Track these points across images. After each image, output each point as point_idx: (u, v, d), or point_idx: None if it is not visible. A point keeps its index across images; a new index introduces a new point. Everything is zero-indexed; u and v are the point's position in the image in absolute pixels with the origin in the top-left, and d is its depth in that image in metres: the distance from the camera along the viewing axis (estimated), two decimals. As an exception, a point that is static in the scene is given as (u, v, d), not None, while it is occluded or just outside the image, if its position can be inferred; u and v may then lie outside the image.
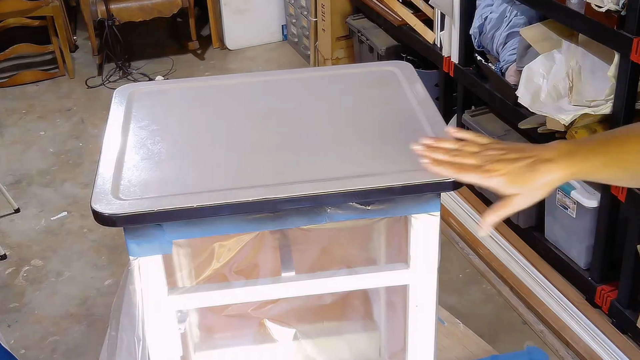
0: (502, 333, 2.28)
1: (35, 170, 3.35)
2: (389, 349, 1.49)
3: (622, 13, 1.84)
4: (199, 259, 1.23)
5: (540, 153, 0.95)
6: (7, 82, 4.15)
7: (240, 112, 1.27)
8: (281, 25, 4.48)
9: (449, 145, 1.02)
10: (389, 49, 3.18)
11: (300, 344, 1.41)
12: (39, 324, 2.46)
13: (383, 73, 1.37)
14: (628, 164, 0.95)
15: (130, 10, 4.11)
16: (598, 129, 2.03)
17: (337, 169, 1.07)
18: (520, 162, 0.95)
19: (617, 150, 0.95)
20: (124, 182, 1.06)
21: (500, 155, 0.96)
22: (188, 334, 1.45)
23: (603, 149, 0.95)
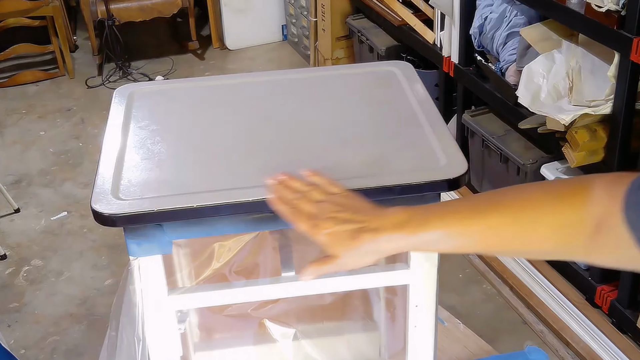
0: (502, 333, 2.28)
1: (35, 170, 3.35)
2: (389, 349, 1.49)
3: (622, 13, 1.84)
4: (199, 259, 1.23)
5: (369, 220, 0.90)
6: (7, 82, 4.15)
7: (240, 112, 1.27)
8: (281, 25, 4.48)
9: (299, 186, 0.98)
10: (389, 49, 3.18)
11: (300, 344, 1.40)
12: (39, 324, 2.46)
13: (383, 73, 1.37)
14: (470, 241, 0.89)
15: (130, 10, 4.11)
16: (598, 128, 2.03)
17: (337, 169, 1.07)
18: (348, 225, 0.91)
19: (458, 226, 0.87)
20: (124, 182, 1.06)
21: (334, 213, 0.92)
22: (188, 334, 1.45)
23: (442, 224, 0.88)
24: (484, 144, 2.51)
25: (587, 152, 2.04)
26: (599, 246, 0.77)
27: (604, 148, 2.04)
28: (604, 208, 0.75)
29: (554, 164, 2.27)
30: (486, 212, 0.86)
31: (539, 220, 0.82)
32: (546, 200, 0.83)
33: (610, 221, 0.73)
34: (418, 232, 0.88)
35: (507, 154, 2.38)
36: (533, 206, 0.84)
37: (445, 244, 0.90)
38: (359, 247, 0.90)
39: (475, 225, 0.87)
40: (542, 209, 0.83)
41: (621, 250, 0.73)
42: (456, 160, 1.07)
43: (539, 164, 2.30)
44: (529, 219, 0.83)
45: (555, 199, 0.82)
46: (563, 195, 0.82)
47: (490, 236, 0.87)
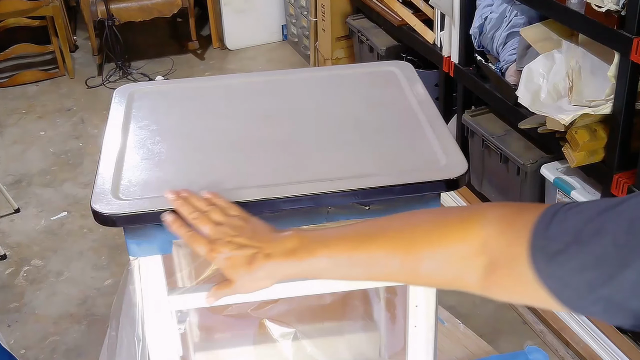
0: (502, 333, 2.28)
1: (35, 170, 3.35)
2: (389, 349, 1.49)
3: (622, 13, 1.84)
4: (199, 259, 1.23)
5: (264, 246, 0.91)
6: (7, 82, 4.15)
7: (240, 112, 1.27)
8: (281, 25, 4.48)
9: (199, 205, 0.97)
10: (389, 49, 3.18)
11: (300, 344, 1.40)
12: (39, 324, 2.46)
13: (383, 73, 1.37)
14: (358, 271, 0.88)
15: (130, 10, 4.11)
16: (598, 128, 2.03)
17: (337, 169, 1.07)
18: (244, 250, 0.91)
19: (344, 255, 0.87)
20: (124, 182, 1.06)
21: (231, 237, 0.93)
22: (188, 334, 1.45)
23: (329, 252, 0.87)
24: (484, 144, 2.51)
25: (587, 152, 2.04)
26: (497, 285, 0.75)
27: (604, 148, 2.04)
28: (502, 249, 0.73)
29: (554, 164, 2.27)
30: (371, 242, 0.86)
31: (425, 253, 0.81)
32: (434, 232, 0.82)
33: (511, 264, 0.71)
34: (305, 259, 0.89)
35: (507, 154, 2.38)
36: (419, 238, 0.82)
37: (334, 272, 0.90)
38: (253, 273, 0.91)
39: (360, 255, 0.86)
40: (430, 240, 0.81)
41: (527, 294, 0.71)
42: (456, 160, 1.07)
43: (539, 164, 2.30)
44: (414, 251, 0.82)
45: (444, 231, 0.81)
46: (452, 227, 0.80)
47: (376, 266, 0.86)
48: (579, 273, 0.64)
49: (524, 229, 0.70)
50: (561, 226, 0.67)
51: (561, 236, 0.67)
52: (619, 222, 0.63)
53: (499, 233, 0.74)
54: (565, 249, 0.66)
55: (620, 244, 0.62)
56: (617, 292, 0.62)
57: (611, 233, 0.63)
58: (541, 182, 2.32)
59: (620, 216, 0.63)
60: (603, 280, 0.63)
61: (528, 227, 0.69)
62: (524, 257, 0.69)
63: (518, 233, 0.71)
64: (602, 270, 0.63)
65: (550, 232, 0.68)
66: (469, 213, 0.81)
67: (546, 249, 0.68)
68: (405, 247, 0.83)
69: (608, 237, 0.63)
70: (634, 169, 1.97)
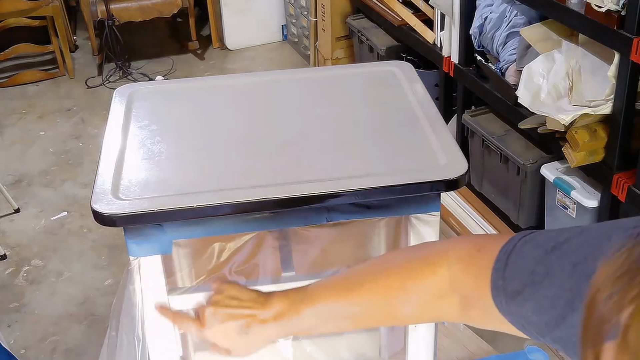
0: (502, 333, 2.27)
1: (35, 170, 3.35)
2: (389, 349, 1.49)
3: (622, 13, 1.84)
4: (199, 259, 1.23)
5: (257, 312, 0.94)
6: (7, 82, 4.15)
7: (240, 112, 1.27)
8: (281, 25, 4.48)
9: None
10: (389, 49, 3.18)
11: (300, 344, 1.40)
12: (39, 324, 2.46)
13: (383, 73, 1.37)
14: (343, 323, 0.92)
15: (130, 10, 4.11)
16: (598, 128, 2.03)
17: (337, 169, 1.07)
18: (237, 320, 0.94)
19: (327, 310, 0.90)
20: (124, 182, 1.06)
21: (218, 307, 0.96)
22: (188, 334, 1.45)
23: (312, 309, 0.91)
24: (484, 144, 2.51)
25: (587, 152, 2.04)
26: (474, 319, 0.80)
27: (604, 148, 2.04)
28: (468, 289, 0.77)
29: (554, 164, 2.27)
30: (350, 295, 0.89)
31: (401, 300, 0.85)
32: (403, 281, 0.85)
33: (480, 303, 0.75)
34: (294, 319, 0.92)
35: (507, 154, 2.38)
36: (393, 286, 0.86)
37: (323, 327, 0.94)
38: (249, 340, 0.94)
39: (343, 310, 0.90)
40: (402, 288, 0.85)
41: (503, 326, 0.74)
42: (456, 160, 1.07)
43: (539, 164, 2.30)
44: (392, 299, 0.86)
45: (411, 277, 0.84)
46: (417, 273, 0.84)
47: (360, 318, 0.90)
48: (536, 314, 0.68)
49: (485, 268, 0.73)
50: (516, 266, 0.70)
51: (517, 276, 0.70)
52: (563, 265, 0.65)
53: (463, 273, 0.78)
54: (522, 290, 0.69)
55: (566, 288, 0.64)
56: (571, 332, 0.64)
57: (558, 276, 0.65)
58: (541, 182, 2.32)
59: (564, 258, 0.66)
60: (557, 322, 0.65)
61: (488, 267, 0.73)
62: (489, 298, 0.73)
63: (480, 273, 0.74)
64: (555, 313, 0.66)
65: (507, 273, 0.71)
66: (434, 254, 0.84)
67: (505, 290, 0.71)
68: (383, 296, 0.87)
69: (556, 280, 0.66)
70: (634, 169, 1.97)
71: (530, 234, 0.72)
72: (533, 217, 2.42)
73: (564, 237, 0.68)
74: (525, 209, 2.40)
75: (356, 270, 0.92)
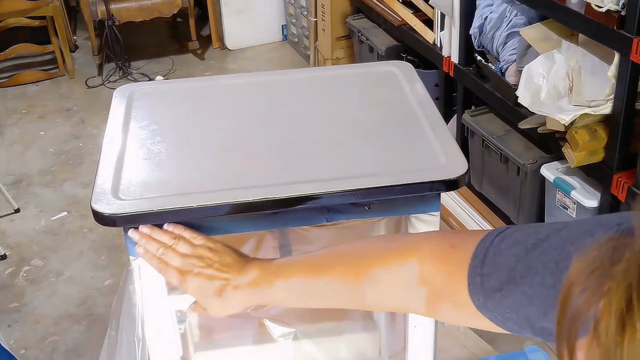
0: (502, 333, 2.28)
1: (35, 170, 3.35)
2: (389, 349, 1.49)
3: (622, 13, 1.84)
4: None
5: (232, 277, 0.96)
6: (7, 82, 4.15)
7: (240, 112, 1.27)
8: (281, 25, 4.48)
9: (164, 238, 1.01)
10: (389, 49, 3.18)
11: (300, 344, 1.40)
12: (39, 324, 2.46)
13: (383, 73, 1.37)
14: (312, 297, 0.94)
15: (130, 10, 4.11)
16: (598, 128, 2.03)
17: (337, 169, 1.07)
18: (213, 282, 0.97)
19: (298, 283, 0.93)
20: (124, 182, 1.06)
21: (200, 268, 0.98)
22: (188, 334, 1.45)
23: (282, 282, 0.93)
24: (484, 144, 2.51)
25: (587, 152, 2.04)
26: (444, 314, 0.81)
27: (604, 148, 2.04)
28: (441, 285, 0.77)
29: (554, 164, 2.27)
30: (321, 274, 0.92)
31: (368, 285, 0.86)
32: (374, 266, 0.86)
33: (453, 299, 0.75)
34: (265, 289, 0.95)
35: (507, 154, 2.38)
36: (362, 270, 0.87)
37: (292, 301, 0.96)
38: (222, 302, 0.97)
39: (312, 286, 0.92)
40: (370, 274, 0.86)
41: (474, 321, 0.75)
42: (456, 160, 1.07)
43: (539, 164, 2.30)
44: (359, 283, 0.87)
45: (382, 266, 0.86)
46: (389, 261, 0.85)
47: (328, 297, 0.93)
48: (516, 310, 0.68)
49: (460, 265, 0.73)
50: (494, 263, 0.70)
51: (496, 273, 0.70)
52: (545, 262, 0.66)
53: (436, 269, 0.79)
54: (501, 287, 0.69)
55: (549, 285, 0.65)
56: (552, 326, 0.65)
57: (540, 274, 0.66)
58: (541, 182, 2.32)
59: (546, 255, 0.66)
60: (538, 316, 0.66)
61: (464, 263, 0.73)
62: (464, 293, 0.73)
63: (454, 269, 0.75)
64: (536, 308, 0.66)
65: (485, 269, 0.71)
66: (406, 246, 0.85)
67: (483, 287, 0.71)
68: (352, 279, 0.88)
69: (537, 278, 0.66)
70: (634, 169, 1.97)
71: (507, 230, 0.72)
72: (533, 217, 2.42)
73: (543, 233, 0.67)
74: (525, 209, 2.40)
75: (330, 251, 0.95)
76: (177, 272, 0.99)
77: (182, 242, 1.00)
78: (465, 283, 0.73)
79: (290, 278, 0.93)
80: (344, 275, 0.89)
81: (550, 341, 0.67)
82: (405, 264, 0.82)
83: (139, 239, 1.01)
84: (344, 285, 0.89)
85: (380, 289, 0.85)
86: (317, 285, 0.92)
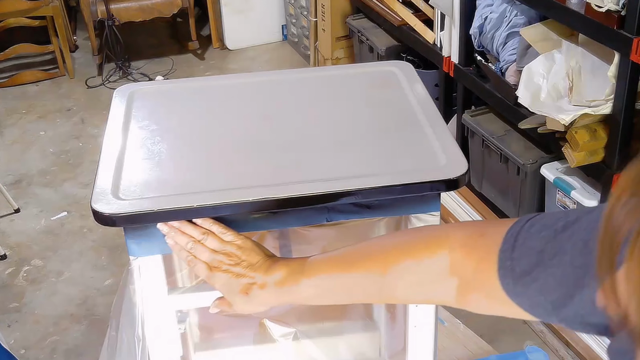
0: (502, 333, 2.28)
1: (35, 170, 3.35)
2: (389, 349, 1.49)
3: (622, 13, 1.84)
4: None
5: (259, 276, 0.97)
6: (7, 82, 4.15)
7: (240, 112, 1.27)
8: (281, 25, 4.48)
9: (194, 233, 1.01)
10: (389, 49, 3.18)
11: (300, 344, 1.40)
12: (39, 324, 2.46)
13: (383, 73, 1.37)
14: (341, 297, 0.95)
15: (130, 10, 4.11)
16: (598, 128, 2.03)
17: (337, 169, 1.07)
18: (240, 279, 0.98)
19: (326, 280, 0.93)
20: (124, 182, 1.06)
21: (227, 265, 0.99)
22: (188, 334, 1.45)
23: (311, 280, 0.93)
24: (484, 144, 2.51)
25: (587, 152, 2.04)
26: (474, 304, 0.80)
27: (604, 148, 2.04)
28: (471, 273, 0.77)
29: (554, 164, 2.27)
30: (349, 270, 0.92)
31: (398, 278, 0.86)
32: (403, 258, 0.86)
33: (483, 287, 0.75)
34: (293, 287, 0.95)
35: (507, 154, 2.38)
36: (391, 264, 0.87)
37: (319, 299, 0.97)
38: (248, 300, 0.98)
39: (340, 283, 0.92)
40: (400, 267, 0.86)
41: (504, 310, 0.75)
42: (456, 160, 1.07)
43: (539, 164, 2.30)
44: (389, 276, 0.87)
45: (412, 258, 0.86)
46: (419, 254, 0.85)
47: (356, 293, 0.93)
48: (544, 294, 0.68)
49: (490, 251, 0.73)
50: (525, 246, 0.70)
51: (526, 257, 0.70)
52: (574, 242, 0.65)
53: (465, 257, 0.79)
54: (530, 270, 0.69)
55: (577, 265, 0.64)
56: (578, 310, 0.65)
57: (569, 254, 0.65)
58: (541, 182, 2.32)
59: (575, 236, 0.66)
60: (565, 300, 0.66)
61: (494, 249, 0.73)
62: (494, 280, 0.73)
63: (484, 256, 0.74)
64: (563, 291, 0.66)
65: (515, 254, 0.71)
66: (434, 237, 0.86)
67: (513, 271, 0.71)
68: (381, 273, 0.88)
69: (566, 258, 0.65)
70: (634, 169, 1.97)
71: (537, 216, 0.72)
72: (533, 217, 2.42)
73: (573, 216, 0.67)
74: (525, 209, 2.40)
75: (357, 247, 0.95)
76: (206, 267, 0.99)
77: (212, 237, 1.00)
78: (496, 269, 0.72)
79: (318, 275, 0.93)
80: (372, 269, 0.89)
81: (575, 328, 0.67)
82: (436, 255, 0.82)
83: (168, 232, 1.01)
84: (373, 280, 0.89)
85: (411, 282, 0.85)
86: (346, 281, 0.92)
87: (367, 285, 0.90)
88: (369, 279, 0.89)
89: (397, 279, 0.86)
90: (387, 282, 0.88)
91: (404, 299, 0.94)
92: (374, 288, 0.90)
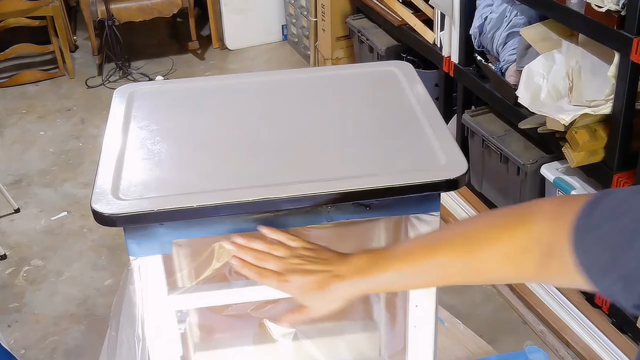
0: (502, 333, 2.28)
1: (35, 170, 3.35)
2: (389, 349, 1.49)
3: (622, 13, 1.84)
4: (199, 259, 1.23)
5: (335, 268, 0.97)
6: (7, 82, 4.15)
7: (240, 112, 1.27)
8: (281, 25, 4.48)
9: (259, 246, 1.02)
10: (389, 49, 3.18)
11: (300, 344, 1.40)
12: (39, 324, 2.46)
13: (383, 73, 1.37)
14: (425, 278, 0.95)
15: (130, 10, 4.11)
16: (598, 128, 2.03)
17: (337, 169, 1.07)
18: (315, 275, 0.97)
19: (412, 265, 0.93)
20: (124, 182, 1.06)
21: (299, 265, 0.98)
22: (188, 334, 1.45)
23: (397, 265, 0.93)
24: (484, 144, 2.51)
25: (587, 152, 2.04)
26: (549, 271, 0.80)
27: (604, 148, 2.04)
28: (552, 236, 0.78)
29: (554, 164, 2.27)
30: (436, 250, 0.92)
31: (486, 254, 0.86)
32: (491, 233, 0.87)
33: (558, 249, 0.76)
34: (376, 275, 0.94)
35: (507, 154, 2.38)
36: (479, 240, 0.88)
37: (402, 284, 0.97)
38: (327, 294, 0.96)
39: (426, 264, 0.92)
40: (488, 242, 0.87)
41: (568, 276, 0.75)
42: (456, 160, 1.07)
43: (539, 164, 2.30)
44: (476, 254, 0.88)
45: (500, 231, 0.86)
46: (507, 226, 0.86)
47: (442, 272, 0.92)
48: (608, 249, 0.69)
49: (570, 215, 0.74)
50: (600, 207, 0.72)
51: (600, 215, 0.71)
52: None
53: (548, 226, 0.79)
54: (601, 224, 0.70)
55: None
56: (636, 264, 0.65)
57: (635, 209, 0.67)
58: (541, 182, 2.32)
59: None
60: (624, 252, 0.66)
61: (574, 213, 0.74)
62: (567, 239, 0.74)
63: (564, 220, 0.75)
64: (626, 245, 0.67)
65: (592, 214, 0.72)
66: (521, 212, 0.86)
67: (586, 226, 0.72)
68: (468, 252, 0.89)
69: (632, 213, 0.67)
70: (634, 169, 1.97)
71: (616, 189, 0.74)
72: (533, 217, 2.42)
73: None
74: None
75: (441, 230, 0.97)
76: (276, 275, 0.99)
77: (278, 246, 1.01)
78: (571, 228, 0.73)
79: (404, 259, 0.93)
80: (463, 245, 0.89)
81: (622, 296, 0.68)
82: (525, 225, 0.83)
83: (236, 252, 1.02)
84: (460, 261, 0.89)
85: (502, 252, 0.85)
86: (428, 266, 0.92)
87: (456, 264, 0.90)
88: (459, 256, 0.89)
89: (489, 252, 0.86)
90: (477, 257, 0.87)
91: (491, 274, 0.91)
92: (463, 265, 0.89)
